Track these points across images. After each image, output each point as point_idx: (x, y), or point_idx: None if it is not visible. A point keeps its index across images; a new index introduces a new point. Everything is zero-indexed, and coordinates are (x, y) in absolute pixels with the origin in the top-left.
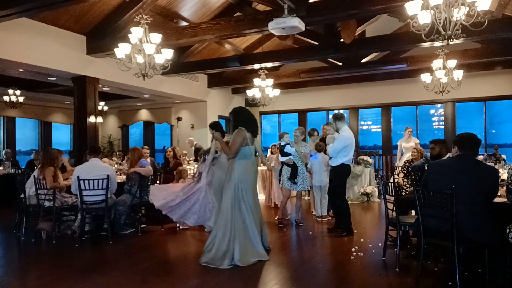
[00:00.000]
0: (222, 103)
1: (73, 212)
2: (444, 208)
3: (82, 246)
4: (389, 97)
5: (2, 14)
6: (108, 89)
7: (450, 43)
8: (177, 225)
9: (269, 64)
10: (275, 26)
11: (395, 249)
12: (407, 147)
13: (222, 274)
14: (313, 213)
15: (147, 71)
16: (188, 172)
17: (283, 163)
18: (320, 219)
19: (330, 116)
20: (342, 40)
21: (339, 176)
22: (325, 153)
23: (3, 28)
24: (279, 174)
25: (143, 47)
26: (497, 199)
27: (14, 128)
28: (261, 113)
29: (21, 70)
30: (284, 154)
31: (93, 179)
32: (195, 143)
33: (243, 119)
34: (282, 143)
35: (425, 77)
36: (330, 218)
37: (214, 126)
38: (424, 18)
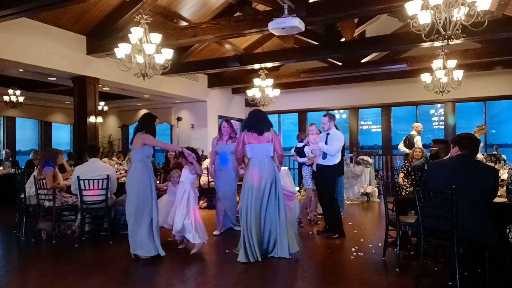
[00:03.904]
0: (222, 103)
1: (73, 212)
2: (444, 208)
3: (82, 246)
4: (389, 97)
5: (2, 14)
6: (108, 89)
7: (450, 43)
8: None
9: (269, 64)
10: (275, 26)
11: (395, 249)
12: None
13: (222, 275)
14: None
15: (147, 71)
16: None
17: (302, 164)
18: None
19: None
20: (342, 40)
21: (334, 176)
22: None
23: (3, 28)
24: (300, 177)
25: (143, 47)
26: (497, 199)
27: (14, 128)
28: None
29: (21, 70)
30: (303, 155)
31: (93, 179)
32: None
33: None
34: (300, 145)
35: (425, 77)
36: None
37: (141, 121)
38: (424, 18)
